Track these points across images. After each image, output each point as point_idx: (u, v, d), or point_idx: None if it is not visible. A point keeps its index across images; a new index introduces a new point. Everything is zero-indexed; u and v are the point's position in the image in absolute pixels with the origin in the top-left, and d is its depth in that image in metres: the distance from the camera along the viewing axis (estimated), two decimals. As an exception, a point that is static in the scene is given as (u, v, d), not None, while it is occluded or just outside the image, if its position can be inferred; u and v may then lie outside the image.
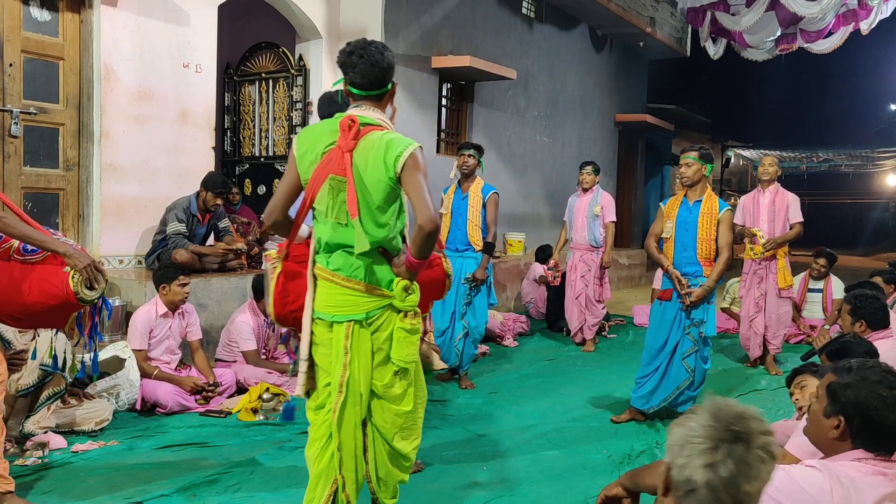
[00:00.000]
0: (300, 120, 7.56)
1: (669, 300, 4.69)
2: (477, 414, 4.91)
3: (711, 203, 4.66)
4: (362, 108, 2.65)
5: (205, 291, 5.50)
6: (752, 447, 1.48)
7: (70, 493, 3.40)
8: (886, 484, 1.91)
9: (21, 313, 3.07)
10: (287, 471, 3.74)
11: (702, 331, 4.62)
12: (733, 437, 1.48)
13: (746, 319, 6.61)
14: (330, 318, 2.63)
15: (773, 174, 6.43)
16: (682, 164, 4.73)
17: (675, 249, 4.71)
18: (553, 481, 3.75)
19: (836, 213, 31.90)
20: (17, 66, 5.25)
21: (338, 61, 2.64)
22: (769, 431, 1.53)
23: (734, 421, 1.50)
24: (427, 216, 2.47)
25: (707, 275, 4.60)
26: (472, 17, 9.10)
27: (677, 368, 4.69)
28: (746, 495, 1.46)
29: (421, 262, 2.59)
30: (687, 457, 1.49)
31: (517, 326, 7.80)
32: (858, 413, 1.98)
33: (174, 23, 6.09)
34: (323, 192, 2.60)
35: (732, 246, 4.68)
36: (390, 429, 2.73)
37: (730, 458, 1.46)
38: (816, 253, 7.95)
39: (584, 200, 7.20)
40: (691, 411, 1.59)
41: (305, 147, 2.65)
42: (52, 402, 4.04)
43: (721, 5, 11.06)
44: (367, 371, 2.63)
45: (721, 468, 1.45)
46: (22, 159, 5.32)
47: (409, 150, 2.52)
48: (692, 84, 23.57)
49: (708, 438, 1.49)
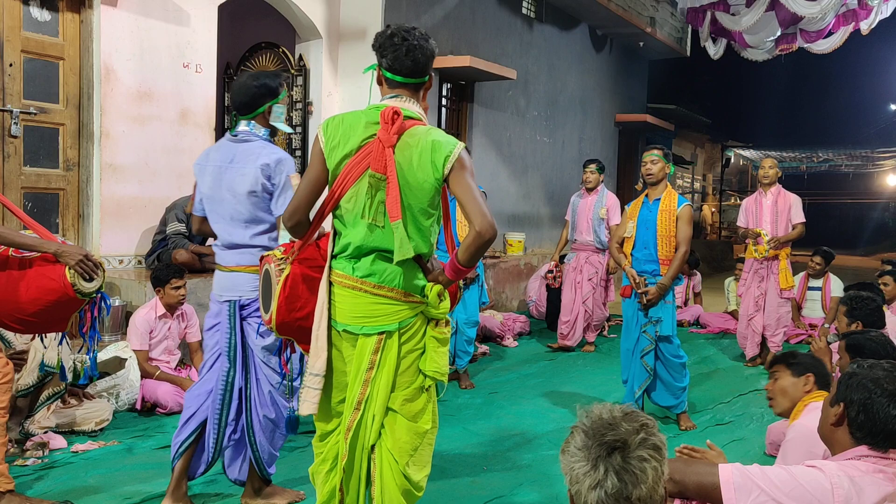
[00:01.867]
0: (300, 120, 7.56)
1: (629, 297, 4.71)
2: (477, 414, 4.91)
3: (670, 200, 4.69)
4: (401, 100, 2.43)
5: (205, 291, 5.49)
6: (630, 452, 1.48)
7: (70, 493, 3.40)
8: (887, 483, 1.92)
9: (21, 313, 3.06)
10: (287, 471, 3.74)
11: (658, 329, 4.62)
12: (608, 449, 1.48)
13: (745, 318, 6.63)
14: (358, 331, 2.40)
15: (774, 177, 6.44)
16: (647, 162, 4.76)
17: (635, 248, 4.74)
18: (553, 481, 3.75)
19: (836, 213, 31.92)
20: (17, 66, 5.25)
21: (374, 45, 2.45)
22: (645, 424, 1.52)
23: (605, 431, 1.50)
24: (486, 222, 2.26)
25: (664, 273, 4.62)
26: (472, 17, 9.10)
27: (639, 368, 4.70)
28: (640, 500, 1.46)
29: (467, 269, 2.38)
30: (577, 483, 1.49)
31: (517, 326, 7.80)
32: (858, 401, 2.01)
33: (174, 23, 6.09)
34: (357, 189, 2.36)
35: (690, 241, 4.71)
36: (404, 453, 2.42)
37: (611, 472, 1.46)
38: (813, 251, 7.98)
39: (589, 201, 7.05)
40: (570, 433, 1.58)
41: (337, 139, 2.40)
42: (51, 402, 4.04)
43: (721, 5, 11.06)
44: (387, 388, 2.39)
45: (606, 484, 1.45)
46: (22, 159, 5.32)
47: (457, 150, 2.33)
48: (692, 84, 23.57)
49: (586, 459, 1.49)
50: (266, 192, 3.08)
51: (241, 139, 3.16)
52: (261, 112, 3.17)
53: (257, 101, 3.15)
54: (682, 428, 4.72)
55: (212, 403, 3.20)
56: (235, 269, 3.14)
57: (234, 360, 3.18)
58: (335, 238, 2.49)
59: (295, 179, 3.07)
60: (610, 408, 1.56)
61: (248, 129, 3.16)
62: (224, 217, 3.14)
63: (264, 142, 3.16)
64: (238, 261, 3.14)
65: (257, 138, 3.15)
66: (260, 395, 3.21)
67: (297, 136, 7.59)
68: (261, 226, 3.12)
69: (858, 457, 1.99)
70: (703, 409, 5.20)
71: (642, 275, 4.64)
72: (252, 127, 3.16)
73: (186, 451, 3.22)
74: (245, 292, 3.13)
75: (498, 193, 9.60)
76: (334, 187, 2.41)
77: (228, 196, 3.10)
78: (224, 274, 3.19)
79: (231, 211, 3.11)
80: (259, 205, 3.09)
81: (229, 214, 3.12)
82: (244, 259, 3.12)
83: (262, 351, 3.17)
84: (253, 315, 3.14)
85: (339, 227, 2.47)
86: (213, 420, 3.20)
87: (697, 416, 5.00)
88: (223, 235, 3.18)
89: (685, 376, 4.74)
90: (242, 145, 3.14)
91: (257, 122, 3.18)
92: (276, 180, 3.06)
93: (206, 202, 3.21)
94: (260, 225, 3.12)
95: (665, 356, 4.68)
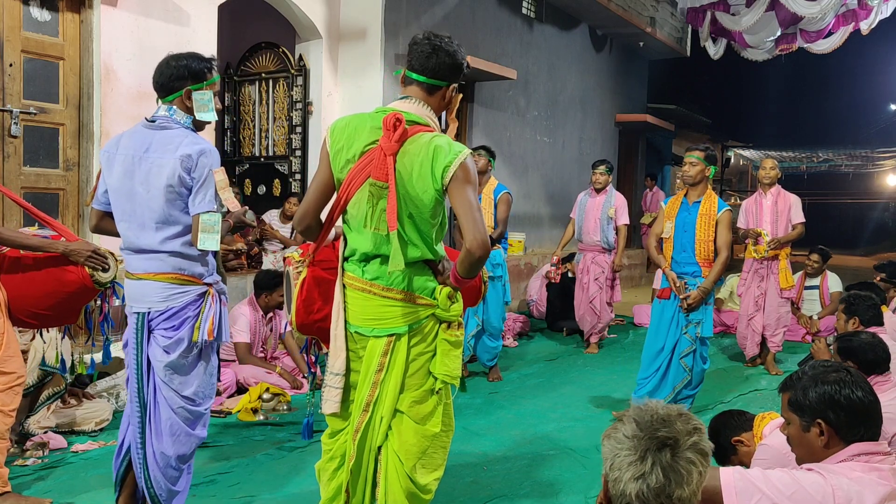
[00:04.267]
0: (300, 120, 7.56)
1: (668, 299, 4.70)
2: (477, 414, 4.91)
3: (710, 203, 4.66)
4: (410, 101, 2.39)
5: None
6: (680, 451, 1.46)
7: (70, 493, 3.40)
8: (884, 484, 1.92)
9: (37, 307, 3.11)
10: (287, 471, 3.74)
11: (699, 331, 4.63)
12: (659, 444, 1.46)
13: (745, 318, 6.62)
14: (369, 333, 2.39)
15: (774, 177, 6.44)
16: (686, 163, 4.73)
17: (674, 250, 4.72)
18: (553, 481, 3.75)
19: (836, 213, 31.90)
20: (17, 66, 5.25)
21: (409, 47, 2.46)
22: (698, 429, 1.51)
23: (659, 426, 1.48)
24: (477, 240, 2.22)
25: (706, 275, 4.61)
26: (472, 17, 9.10)
27: (676, 368, 4.70)
28: (679, 500, 1.44)
29: (468, 280, 2.36)
30: (618, 470, 1.47)
31: (517, 326, 7.80)
32: (828, 406, 1.99)
33: (174, 23, 6.09)
34: (360, 197, 2.34)
35: (731, 246, 4.69)
36: (411, 456, 2.39)
37: (658, 467, 1.44)
38: (810, 250, 8.00)
39: (598, 201, 7.05)
40: (617, 419, 1.56)
41: (341, 143, 2.37)
42: (52, 402, 4.04)
43: (721, 5, 11.07)
44: (396, 390, 2.38)
45: (650, 478, 1.43)
46: (22, 159, 5.32)
47: (458, 159, 2.25)
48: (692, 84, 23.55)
49: (634, 449, 1.47)
50: (184, 187, 2.66)
51: (158, 125, 2.73)
52: (178, 96, 2.74)
53: (174, 82, 2.73)
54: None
55: (132, 429, 2.83)
56: (143, 277, 2.73)
57: (141, 377, 2.77)
58: (345, 241, 2.49)
59: (219, 174, 2.69)
60: (665, 405, 1.54)
61: (168, 114, 2.74)
62: (132, 216, 2.72)
63: (186, 130, 2.74)
64: (146, 267, 2.72)
65: (178, 126, 2.73)
66: (156, 424, 2.77)
67: (298, 136, 7.59)
68: (174, 228, 2.70)
69: (851, 457, 1.98)
70: (702, 409, 5.20)
71: (682, 277, 4.63)
72: (173, 112, 2.74)
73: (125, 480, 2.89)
74: (154, 303, 2.72)
75: (498, 193, 9.58)
76: (340, 192, 2.39)
77: (141, 190, 2.68)
78: (132, 282, 2.77)
79: (142, 209, 2.69)
80: (175, 202, 2.67)
81: (139, 213, 2.70)
82: (152, 266, 2.71)
83: (165, 369, 2.74)
84: (161, 325, 2.73)
85: (346, 232, 2.47)
86: (136, 446, 2.80)
87: (697, 417, 5.00)
88: (129, 237, 2.75)
89: (700, 382, 4.77)
90: (160, 133, 2.71)
91: (177, 107, 2.75)
92: (197, 174, 2.65)
93: (113, 196, 2.77)
94: (173, 227, 2.70)
95: (696, 357, 4.70)
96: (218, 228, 2.67)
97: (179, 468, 2.83)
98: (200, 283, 2.77)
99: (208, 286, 2.80)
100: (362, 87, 7.61)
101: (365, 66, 7.59)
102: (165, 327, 2.73)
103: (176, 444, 2.79)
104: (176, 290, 2.72)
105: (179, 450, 2.80)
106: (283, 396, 4.87)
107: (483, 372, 5.97)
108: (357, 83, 7.65)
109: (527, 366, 6.46)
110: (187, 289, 2.74)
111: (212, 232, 2.65)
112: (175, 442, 2.79)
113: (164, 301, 2.71)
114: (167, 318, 2.72)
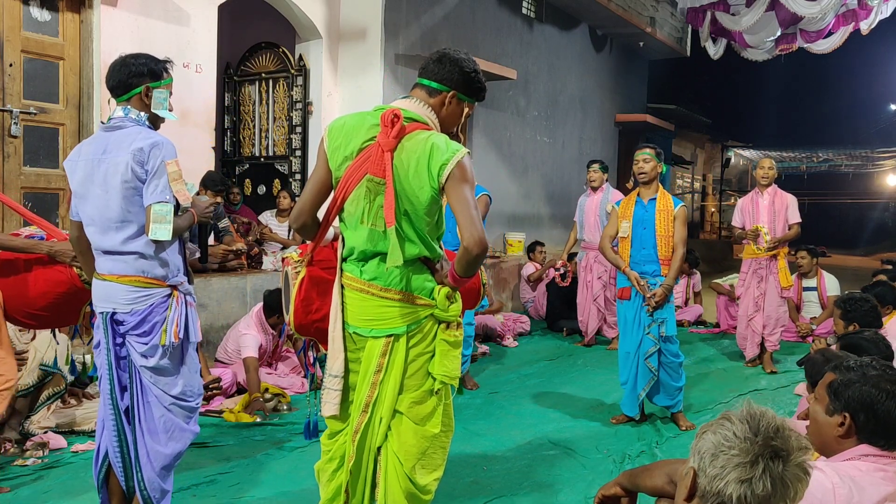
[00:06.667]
0: (300, 120, 7.56)
1: (629, 299, 4.70)
2: (477, 414, 4.91)
3: (666, 200, 4.70)
4: (410, 100, 2.40)
5: (205, 292, 5.50)
6: (790, 465, 1.43)
7: (70, 493, 3.40)
8: (887, 483, 1.92)
9: (32, 307, 3.11)
10: (287, 471, 3.74)
11: (663, 330, 4.62)
12: (773, 453, 1.43)
13: (745, 318, 6.62)
14: (367, 334, 2.39)
15: (772, 177, 6.45)
16: (640, 160, 4.77)
17: (633, 248, 4.72)
18: (553, 481, 3.75)
19: (835, 214, 31.89)
20: (17, 66, 5.25)
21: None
22: (806, 447, 1.48)
23: (773, 436, 1.45)
24: (474, 238, 2.21)
25: (664, 273, 4.62)
26: (472, 17, 9.10)
27: (642, 370, 4.69)
28: None
29: (466, 279, 2.35)
30: (720, 468, 1.43)
31: (517, 326, 7.80)
32: (863, 408, 1.98)
33: (174, 23, 6.09)
34: (357, 194, 2.34)
35: (686, 242, 4.70)
36: (410, 456, 2.38)
37: (767, 476, 1.41)
38: (796, 249, 7.99)
39: (595, 199, 7.15)
40: (725, 417, 1.52)
41: (339, 140, 2.37)
42: (52, 402, 4.04)
43: (721, 5, 11.07)
44: (395, 390, 2.37)
45: (757, 485, 1.40)
46: (22, 159, 5.33)
47: (455, 157, 2.25)
48: (692, 84, 23.57)
49: (745, 452, 1.43)
50: (139, 181, 2.65)
51: (114, 126, 2.75)
52: (136, 93, 2.75)
53: (133, 79, 2.74)
54: (683, 428, 4.72)
55: (107, 433, 2.79)
56: (108, 279, 2.72)
57: (111, 378, 2.75)
58: (343, 241, 2.48)
59: (172, 166, 2.68)
60: (777, 416, 1.51)
61: (123, 114, 2.75)
62: (94, 217, 2.73)
63: (141, 127, 2.75)
64: (111, 268, 2.72)
65: (132, 123, 2.74)
66: (149, 423, 2.77)
67: (298, 136, 7.59)
68: (133, 227, 2.69)
69: (859, 456, 1.98)
70: (702, 409, 5.20)
71: (643, 276, 4.63)
72: (128, 112, 2.75)
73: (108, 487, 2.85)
74: (119, 304, 2.71)
75: (498, 193, 9.56)
76: (338, 190, 2.39)
77: (100, 192, 2.69)
78: (98, 282, 2.77)
79: (102, 210, 2.69)
80: (132, 199, 2.66)
81: (100, 215, 2.70)
82: (117, 267, 2.71)
83: (149, 372, 2.75)
84: (132, 332, 2.73)
85: (343, 230, 2.46)
86: (113, 450, 2.78)
87: (697, 417, 5.00)
88: (95, 240, 2.76)
89: (682, 376, 4.74)
90: (116, 133, 2.73)
91: (133, 105, 2.76)
92: (150, 166, 2.64)
93: (78, 201, 2.78)
94: (132, 226, 2.69)
95: (665, 356, 4.67)
96: (170, 219, 2.65)
97: (172, 465, 2.84)
98: (164, 286, 2.76)
99: (173, 288, 2.79)
100: (362, 86, 7.61)
101: (365, 66, 7.59)
102: (137, 333, 2.73)
103: (171, 440, 2.79)
104: (140, 293, 2.71)
105: (176, 447, 2.81)
106: (283, 397, 4.87)
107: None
108: (357, 83, 7.65)
109: (527, 366, 6.46)
110: (151, 292, 2.73)
111: (163, 222, 2.63)
112: (171, 439, 2.79)
113: (128, 304, 2.71)
114: (136, 325, 2.72)
